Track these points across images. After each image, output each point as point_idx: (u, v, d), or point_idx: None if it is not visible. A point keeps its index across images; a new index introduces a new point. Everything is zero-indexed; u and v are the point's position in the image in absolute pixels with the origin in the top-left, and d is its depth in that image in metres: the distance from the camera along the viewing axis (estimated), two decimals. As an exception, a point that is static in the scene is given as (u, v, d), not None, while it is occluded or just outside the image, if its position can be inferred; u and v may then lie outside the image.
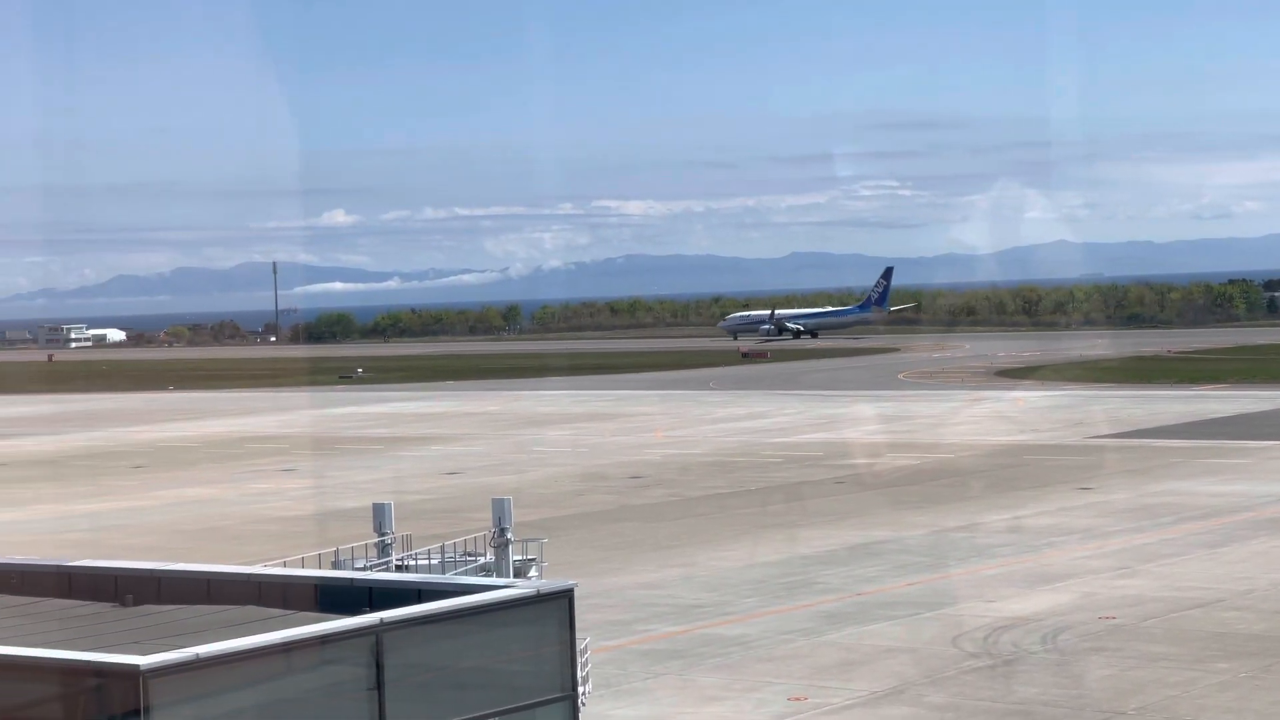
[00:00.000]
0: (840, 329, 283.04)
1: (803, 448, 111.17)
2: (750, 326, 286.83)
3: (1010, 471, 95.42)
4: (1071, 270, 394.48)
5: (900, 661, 49.45)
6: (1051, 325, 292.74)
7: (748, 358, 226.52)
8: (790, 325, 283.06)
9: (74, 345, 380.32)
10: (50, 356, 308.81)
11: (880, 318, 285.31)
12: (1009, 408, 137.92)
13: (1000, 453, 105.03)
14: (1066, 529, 74.02)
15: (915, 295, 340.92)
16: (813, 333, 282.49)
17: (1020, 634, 52.53)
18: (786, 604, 58.89)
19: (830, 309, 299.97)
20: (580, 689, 30.61)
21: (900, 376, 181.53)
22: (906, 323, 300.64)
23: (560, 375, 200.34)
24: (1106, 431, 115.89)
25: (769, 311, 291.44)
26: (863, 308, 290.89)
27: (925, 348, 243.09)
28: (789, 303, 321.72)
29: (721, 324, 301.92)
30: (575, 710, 29.53)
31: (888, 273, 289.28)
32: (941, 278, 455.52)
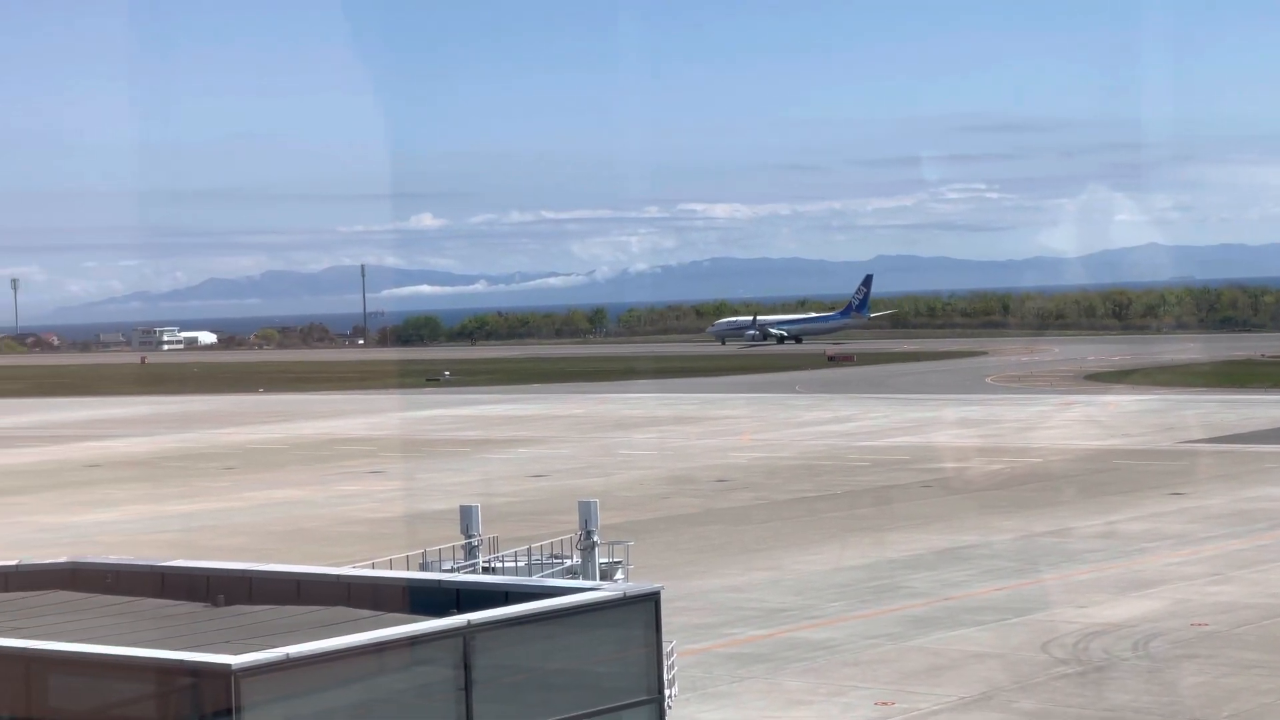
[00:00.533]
0: (823, 334, 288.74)
1: (889, 451, 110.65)
2: (737, 332, 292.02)
3: (1101, 476, 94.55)
4: (1162, 273, 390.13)
5: (989, 667, 49.13)
6: (1142, 329, 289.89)
7: (834, 361, 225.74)
8: (774, 331, 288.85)
9: (166, 347, 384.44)
10: (143, 359, 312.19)
11: (860, 323, 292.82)
12: (1099, 412, 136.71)
13: (1091, 457, 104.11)
14: (1159, 534, 73.29)
15: (1003, 299, 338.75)
16: (796, 338, 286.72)
17: (1111, 640, 52.06)
18: (873, 608, 58.65)
19: (813, 315, 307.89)
20: (667, 691, 30.62)
21: (988, 380, 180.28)
22: (885, 327, 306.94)
23: (646, 378, 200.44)
24: (1199, 436, 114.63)
25: (751, 318, 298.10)
26: (844, 314, 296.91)
27: (1013, 351, 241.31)
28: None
29: (710, 329, 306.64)
30: (662, 713, 29.54)
31: (867, 280, 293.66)
32: (1029, 281, 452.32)
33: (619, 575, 42.54)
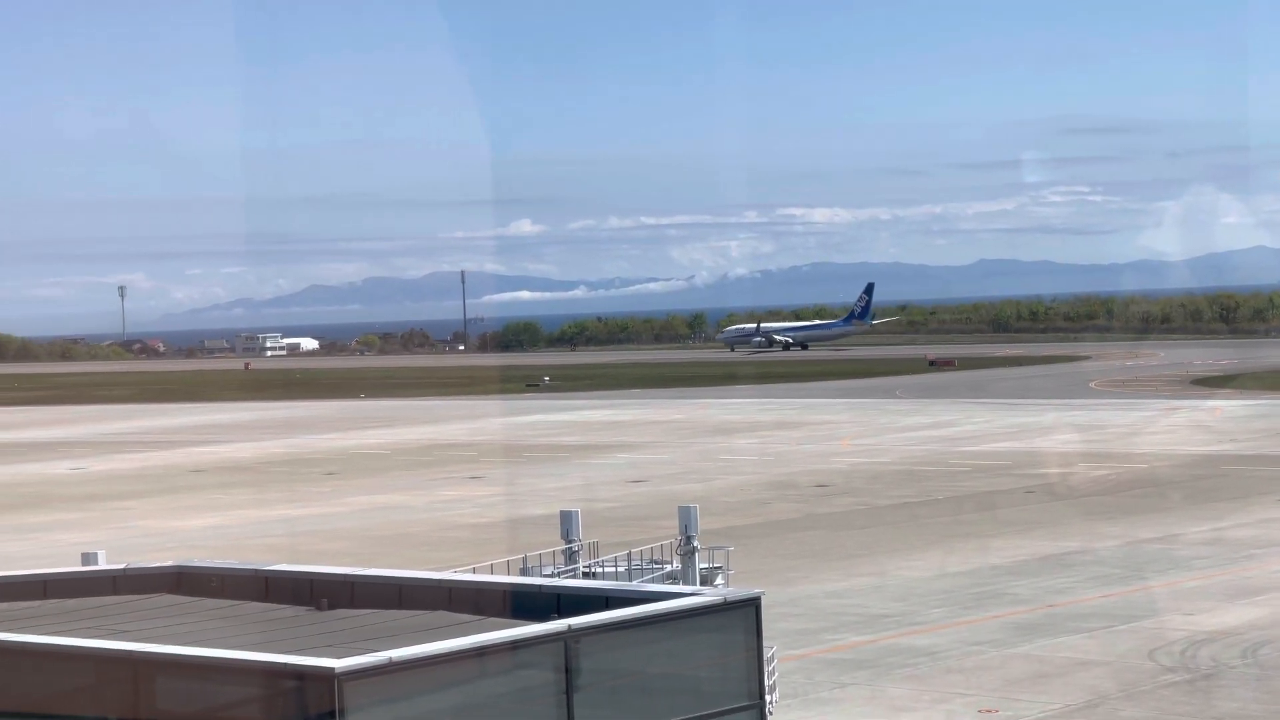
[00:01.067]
0: (826, 341, 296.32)
1: (992, 456, 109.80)
2: (745, 339, 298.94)
3: (1209, 482, 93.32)
4: (1270, 276, 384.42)
5: (1094, 675, 48.58)
6: (1250, 333, 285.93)
7: (934, 365, 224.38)
8: (778, 338, 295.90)
9: (269, 354, 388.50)
10: (247, 365, 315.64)
11: (862, 330, 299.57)
12: (1206, 417, 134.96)
13: (1198, 463, 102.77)
14: (1267, 541, 72.21)
15: (1106, 302, 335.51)
16: (802, 345, 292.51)
17: (1219, 648, 51.33)
18: (976, 615, 58.17)
19: (818, 322, 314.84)
20: (768, 698, 30.49)
21: (1092, 385, 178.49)
22: (888, 334, 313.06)
23: (746, 383, 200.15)
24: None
25: (755, 325, 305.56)
26: (846, 321, 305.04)
27: (1117, 355, 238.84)
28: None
29: (719, 336, 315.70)
30: (763, 718, 29.40)
31: (869, 288, 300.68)
32: (1133, 284, 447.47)
33: (719, 580, 42.45)
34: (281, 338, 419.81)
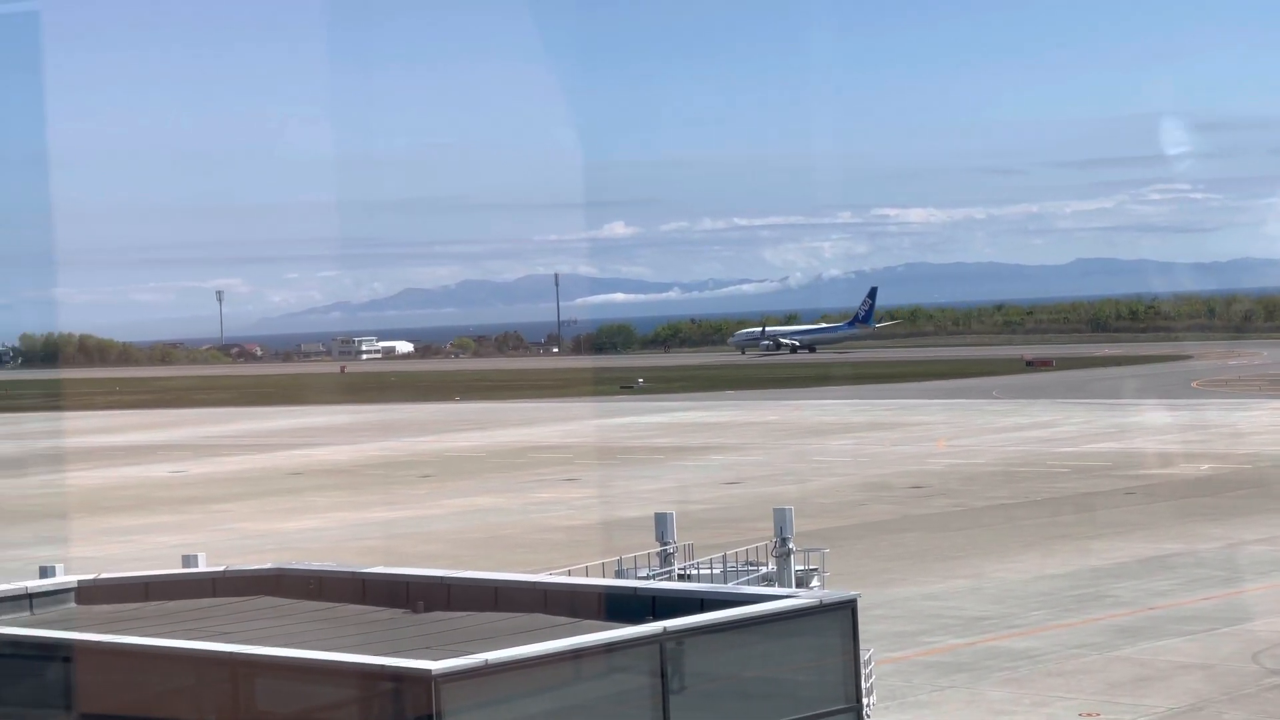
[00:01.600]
0: (832, 343, 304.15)
1: (1091, 457, 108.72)
2: (753, 342, 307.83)
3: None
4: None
5: (1197, 678, 47.97)
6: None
7: (1031, 366, 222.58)
8: (785, 341, 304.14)
9: (365, 357, 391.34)
10: (343, 368, 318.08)
11: (866, 333, 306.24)
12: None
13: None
14: (1372, 542, 71.06)
15: (1208, 301, 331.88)
16: (810, 347, 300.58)
17: (1324, 651, 50.54)
18: (1076, 617, 57.59)
19: (823, 326, 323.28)
20: (865, 700, 30.30)
21: (1193, 385, 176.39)
22: (890, 336, 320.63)
23: (840, 384, 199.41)
24: None
25: (761, 329, 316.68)
26: (850, 325, 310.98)
27: (1219, 355, 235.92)
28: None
29: (730, 340, 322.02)
30: (860, 722, 29.22)
31: (872, 293, 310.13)
32: (1235, 283, 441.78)
33: (815, 582, 42.27)
34: (377, 341, 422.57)
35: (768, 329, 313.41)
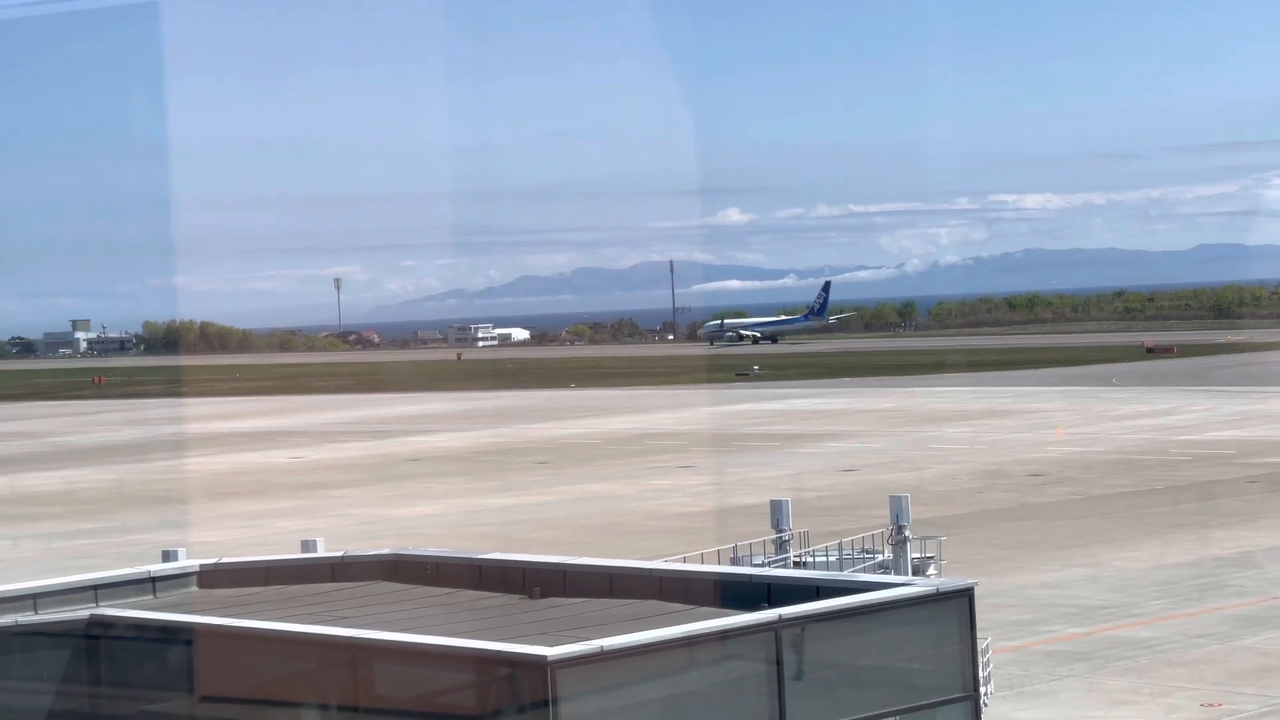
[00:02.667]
0: (791, 335, 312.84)
1: (1213, 445, 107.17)
2: (720, 334, 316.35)
3: None
4: None
5: (1321, 669, 47.20)
6: None
7: (1152, 353, 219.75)
8: (746, 333, 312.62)
9: (481, 344, 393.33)
10: (459, 355, 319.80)
11: (820, 326, 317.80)
12: None
13: None
14: None
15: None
16: (772, 338, 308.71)
17: None
18: (1197, 606, 56.85)
19: (783, 318, 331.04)
20: (982, 689, 30.10)
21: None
22: (845, 329, 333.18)
23: (957, 372, 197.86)
24: None
25: (719, 322, 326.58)
26: (806, 317, 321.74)
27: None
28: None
29: (700, 333, 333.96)
30: (977, 711, 29.03)
31: (826, 286, 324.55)
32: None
33: (931, 570, 42.03)
34: (493, 328, 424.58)
35: (726, 322, 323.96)
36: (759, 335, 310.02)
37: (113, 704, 29.36)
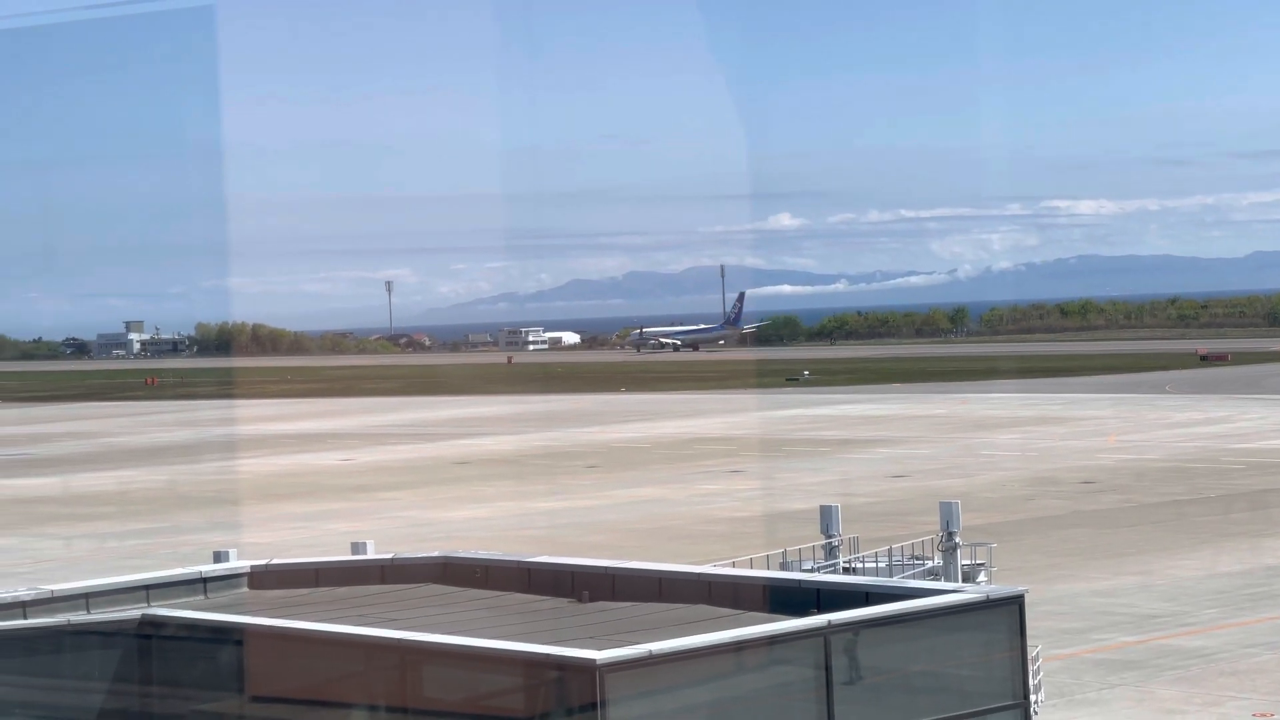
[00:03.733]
0: (708, 343, 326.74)
1: (1267, 454, 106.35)
2: (645, 341, 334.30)
3: None
4: None
5: (1376, 680, 46.76)
6: None
7: (1206, 360, 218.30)
8: (667, 340, 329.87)
9: (531, 347, 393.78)
10: (510, 359, 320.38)
11: (734, 334, 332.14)
12: None
13: None
14: None
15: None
16: (692, 345, 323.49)
17: None
18: (1250, 616, 56.41)
19: (701, 326, 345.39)
20: (1032, 697, 29.94)
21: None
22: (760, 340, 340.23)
23: (1009, 378, 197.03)
24: None
25: (639, 331, 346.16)
26: (721, 326, 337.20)
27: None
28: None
29: (629, 340, 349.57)
30: (1027, 718, 28.88)
31: (741, 296, 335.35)
32: None
33: (982, 578, 41.83)
34: (544, 331, 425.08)
35: (646, 330, 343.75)
36: (679, 343, 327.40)
37: (163, 703, 29.53)
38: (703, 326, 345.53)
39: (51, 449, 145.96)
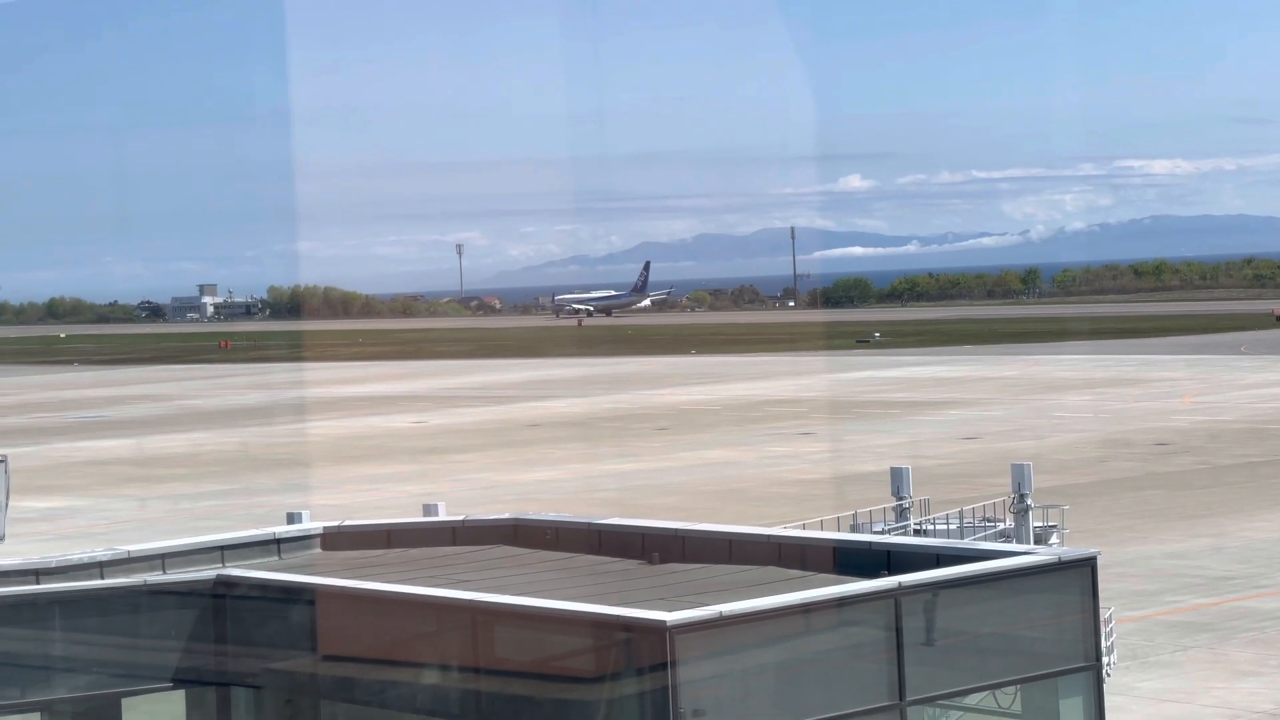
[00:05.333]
0: (619, 308, 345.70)
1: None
2: (561, 307, 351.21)
3: None
4: None
5: None
6: None
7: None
8: (579, 306, 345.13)
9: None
10: (580, 321, 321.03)
11: (639, 300, 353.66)
12: None
13: None
14: None
15: None
16: (606, 311, 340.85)
17: None
18: (1326, 579, 55.92)
19: (612, 293, 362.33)
20: (1105, 659, 29.81)
21: None
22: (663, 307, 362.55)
23: (1081, 339, 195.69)
24: None
25: (552, 297, 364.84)
26: (629, 293, 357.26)
27: None
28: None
29: (545, 305, 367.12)
30: (1100, 681, 28.75)
31: (646, 266, 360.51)
32: None
33: (1054, 540, 41.70)
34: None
35: (557, 297, 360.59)
36: (592, 309, 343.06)
37: (238, 662, 29.84)
38: (613, 293, 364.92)
39: (127, 411, 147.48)
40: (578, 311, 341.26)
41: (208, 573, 31.28)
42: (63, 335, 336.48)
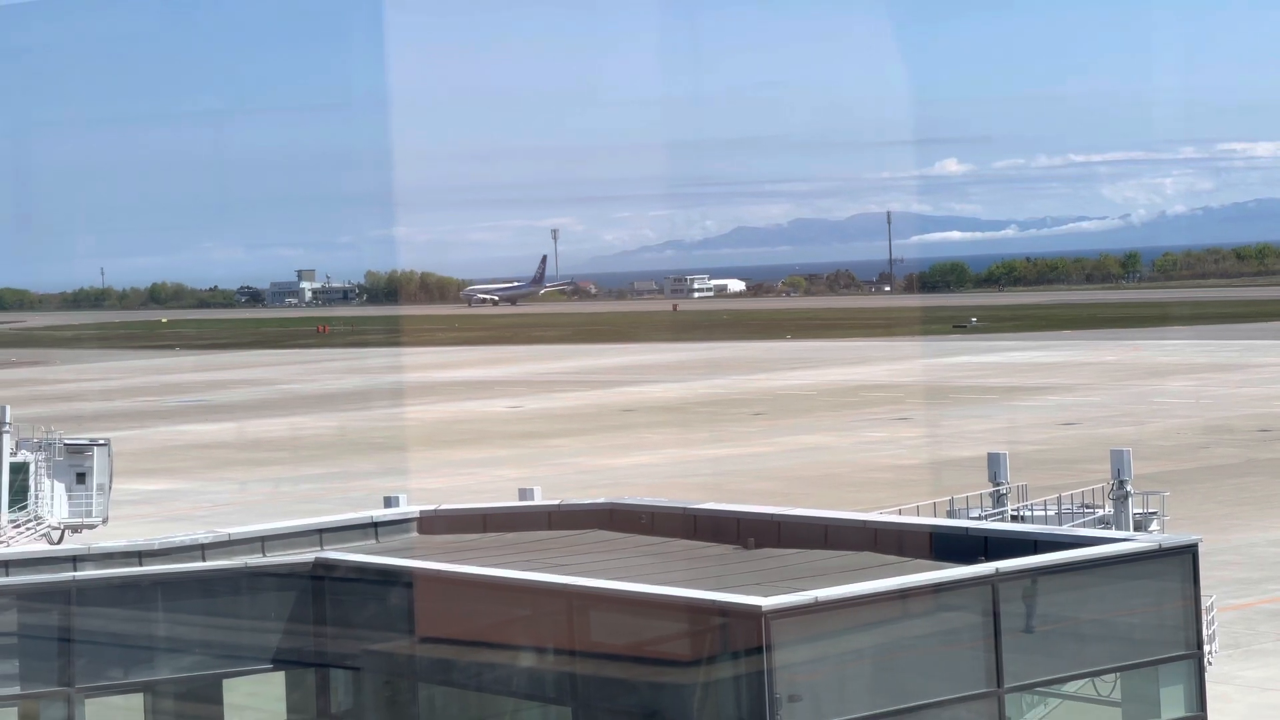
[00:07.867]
0: (522, 298, 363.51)
1: None
2: (470, 296, 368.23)
3: None
4: None
5: None
6: None
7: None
8: (484, 296, 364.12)
9: (696, 295, 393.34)
10: (675, 306, 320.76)
11: (536, 291, 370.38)
12: None
13: None
14: None
15: None
16: (511, 300, 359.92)
17: None
18: None
19: (516, 284, 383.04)
20: (1207, 647, 29.50)
21: None
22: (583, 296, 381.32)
23: (1183, 325, 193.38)
24: None
25: (469, 288, 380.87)
26: (529, 284, 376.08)
27: None
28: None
29: (462, 294, 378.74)
30: (1201, 669, 28.46)
31: (544, 260, 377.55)
32: None
33: (1154, 526, 41.26)
34: (709, 279, 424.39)
35: (466, 289, 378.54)
36: (497, 299, 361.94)
37: (336, 643, 30.12)
38: (516, 284, 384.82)
39: (227, 396, 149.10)
40: (484, 301, 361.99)
41: (307, 555, 31.60)
42: (165, 320, 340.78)
